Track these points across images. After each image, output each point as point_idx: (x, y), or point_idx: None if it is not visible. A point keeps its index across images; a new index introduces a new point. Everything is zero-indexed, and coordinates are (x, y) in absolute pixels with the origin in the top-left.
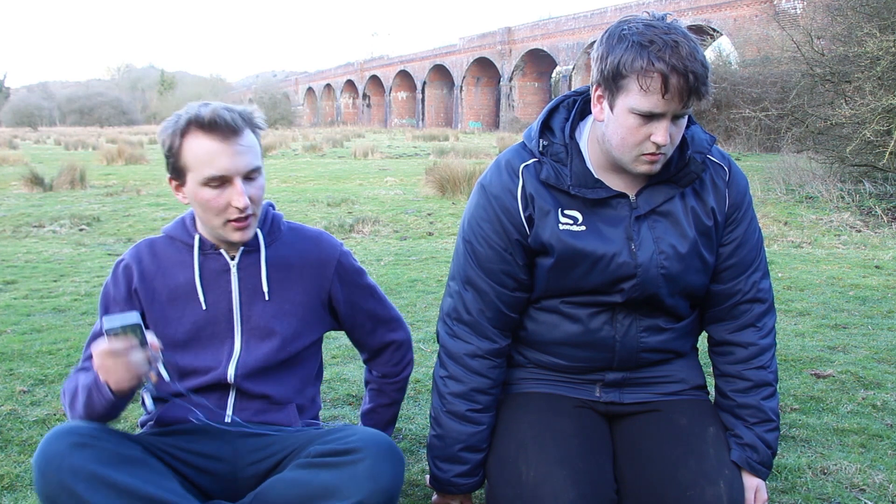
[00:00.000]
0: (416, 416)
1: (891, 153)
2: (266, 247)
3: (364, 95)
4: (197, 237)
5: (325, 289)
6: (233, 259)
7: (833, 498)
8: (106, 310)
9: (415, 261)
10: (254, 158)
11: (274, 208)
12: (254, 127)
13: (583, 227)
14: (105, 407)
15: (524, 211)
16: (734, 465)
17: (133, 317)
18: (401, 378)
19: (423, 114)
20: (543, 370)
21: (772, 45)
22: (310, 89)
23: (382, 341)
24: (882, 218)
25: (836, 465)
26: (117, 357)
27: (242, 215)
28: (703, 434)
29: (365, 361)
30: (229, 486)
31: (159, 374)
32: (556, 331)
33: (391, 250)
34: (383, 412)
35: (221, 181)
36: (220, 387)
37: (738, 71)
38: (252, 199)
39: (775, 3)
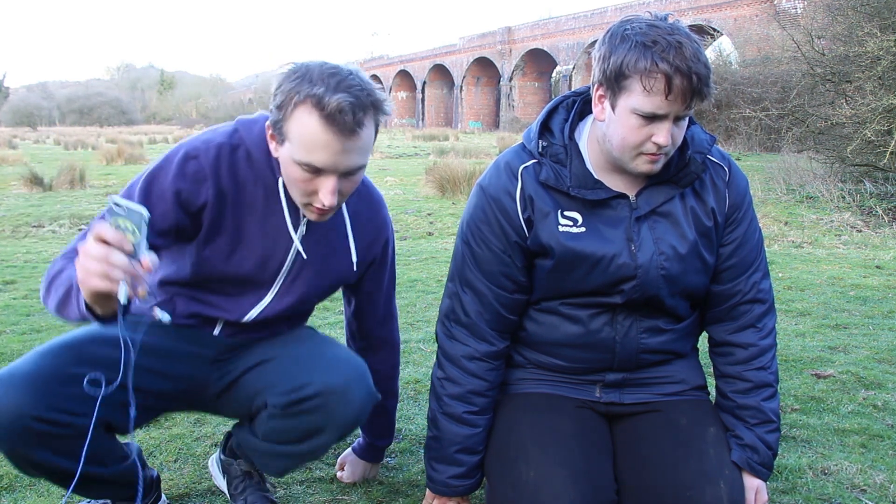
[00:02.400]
0: (415, 416)
1: (891, 153)
2: (347, 210)
3: None
4: (281, 181)
5: (368, 259)
6: (304, 216)
7: (834, 498)
8: (147, 199)
9: (415, 261)
10: (360, 158)
11: None
12: (379, 115)
13: (582, 229)
14: (76, 316)
15: (523, 213)
16: (734, 466)
17: (141, 210)
18: (390, 382)
19: (423, 114)
20: (543, 371)
21: (772, 44)
22: None
23: (387, 335)
24: (883, 218)
25: (836, 465)
26: (100, 246)
27: (325, 207)
28: (703, 434)
29: (359, 351)
30: (202, 382)
31: (147, 296)
32: (556, 332)
33: None
34: (379, 422)
35: (316, 171)
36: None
37: (738, 71)
38: (341, 193)
39: (776, 2)
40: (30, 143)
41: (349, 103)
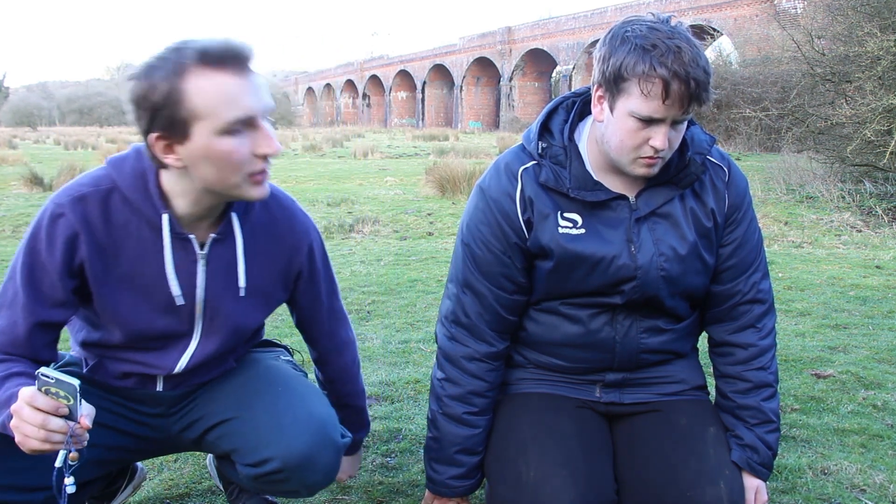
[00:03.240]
0: (415, 416)
1: (891, 153)
2: (241, 230)
3: (364, 95)
4: (167, 217)
5: (294, 272)
6: (202, 248)
7: (833, 498)
8: (31, 274)
9: (415, 261)
10: (270, 96)
11: None
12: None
13: (582, 230)
14: None
15: (523, 214)
16: (734, 466)
17: (73, 382)
18: (354, 383)
19: (423, 114)
20: (543, 370)
21: (772, 44)
22: (309, 89)
23: (338, 340)
24: (882, 218)
25: (836, 465)
26: (35, 413)
27: (267, 165)
28: (703, 434)
29: (315, 361)
30: (165, 435)
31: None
32: (556, 332)
33: (391, 250)
34: (353, 419)
35: (245, 125)
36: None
37: (738, 71)
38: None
39: (776, 2)
40: (30, 143)
41: (224, 39)
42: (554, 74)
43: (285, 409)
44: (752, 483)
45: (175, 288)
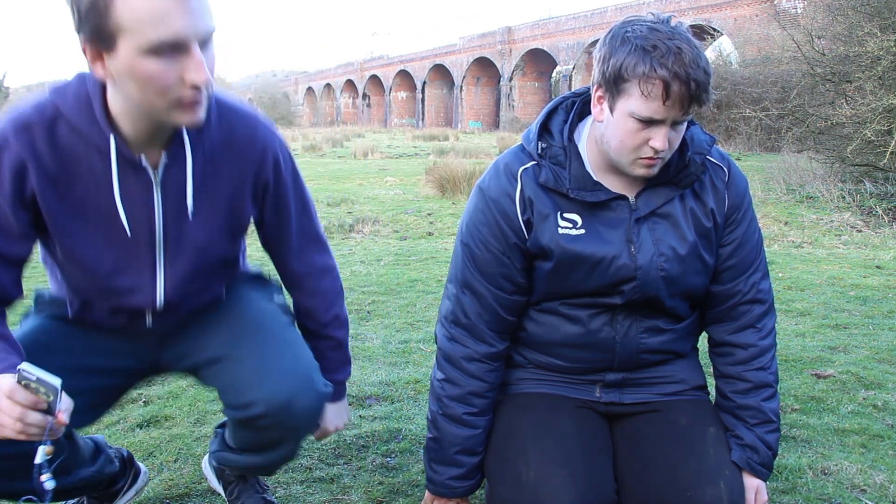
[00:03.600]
0: (415, 416)
1: (891, 153)
2: (192, 151)
3: (364, 95)
4: (113, 140)
5: (261, 186)
6: (155, 168)
7: (834, 498)
8: None
9: (415, 261)
10: (211, 19)
11: None
12: None
13: (582, 231)
14: None
15: (522, 215)
16: (734, 466)
17: (54, 383)
18: (333, 311)
19: (423, 114)
20: (543, 371)
21: (772, 44)
22: (309, 89)
23: (310, 265)
24: (883, 218)
25: (836, 465)
26: (14, 406)
27: (198, 95)
28: (703, 434)
29: (287, 288)
30: (151, 366)
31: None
32: (556, 332)
33: (391, 250)
34: (333, 356)
35: (173, 48)
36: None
37: (738, 71)
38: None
39: (776, 2)
40: None
41: None
42: (554, 74)
43: (271, 354)
44: (752, 483)
45: (123, 216)
